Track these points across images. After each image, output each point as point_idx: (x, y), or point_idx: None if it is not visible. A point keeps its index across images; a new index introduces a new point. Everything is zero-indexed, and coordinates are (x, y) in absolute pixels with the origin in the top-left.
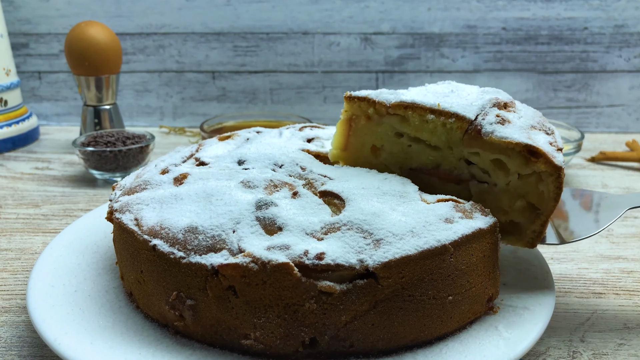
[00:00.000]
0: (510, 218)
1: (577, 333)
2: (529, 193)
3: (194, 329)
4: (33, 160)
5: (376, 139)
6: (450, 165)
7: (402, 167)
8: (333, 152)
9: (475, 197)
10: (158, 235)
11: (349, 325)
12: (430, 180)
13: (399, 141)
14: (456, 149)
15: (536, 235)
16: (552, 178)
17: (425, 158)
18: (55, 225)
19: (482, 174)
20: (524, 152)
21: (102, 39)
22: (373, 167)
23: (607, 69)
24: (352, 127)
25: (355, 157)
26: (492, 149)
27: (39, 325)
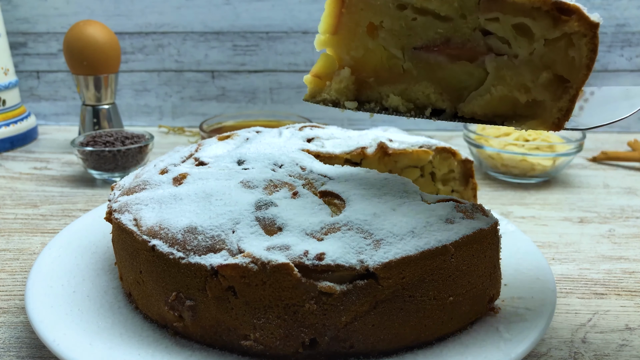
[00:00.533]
0: (532, 96)
1: (578, 334)
2: (557, 62)
3: (193, 329)
4: (31, 160)
5: (374, 14)
6: (463, 38)
7: (405, 46)
8: (319, 38)
9: (492, 74)
10: (157, 236)
11: (349, 326)
12: (437, 60)
13: (401, 15)
14: (471, 17)
15: (563, 114)
16: (587, 39)
17: (433, 32)
18: (54, 225)
19: (501, 45)
20: (553, 11)
21: (101, 38)
22: (369, 51)
23: (608, 69)
24: (345, 4)
25: (347, 40)
26: (514, 11)
27: (38, 326)
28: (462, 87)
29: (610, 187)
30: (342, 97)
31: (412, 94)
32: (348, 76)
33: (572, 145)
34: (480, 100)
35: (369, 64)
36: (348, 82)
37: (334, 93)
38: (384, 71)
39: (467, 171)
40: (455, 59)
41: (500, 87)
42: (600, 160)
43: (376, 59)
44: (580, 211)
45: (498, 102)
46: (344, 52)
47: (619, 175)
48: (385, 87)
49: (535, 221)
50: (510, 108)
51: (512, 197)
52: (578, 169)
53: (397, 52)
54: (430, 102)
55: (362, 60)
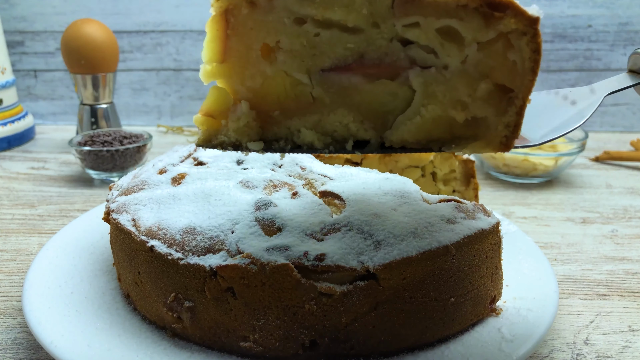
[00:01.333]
0: (472, 113)
1: (580, 335)
2: (496, 69)
3: (192, 331)
4: (29, 160)
5: (268, 33)
6: (379, 52)
7: (311, 69)
8: (205, 69)
9: (419, 92)
10: (156, 236)
11: (350, 327)
12: (351, 82)
13: (301, 31)
14: (385, 25)
15: (511, 131)
16: (527, 37)
17: (342, 48)
18: (52, 226)
19: (426, 55)
20: (483, 7)
21: (99, 36)
22: (268, 79)
23: (611, 67)
24: (231, 24)
25: (239, 68)
26: (436, 13)
27: (35, 328)
28: (387, 111)
29: (613, 187)
30: (243, 138)
31: (327, 125)
32: (247, 112)
33: (574, 144)
34: (410, 125)
35: (271, 94)
36: (248, 118)
37: (233, 134)
38: (290, 102)
39: (469, 171)
40: (374, 79)
41: (432, 107)
42: (603, 160)
43: (278, 87)
44: (582, 211)
45: (431, 124)
46: (238, 83)
47: (621, 175)
48: (294, 120)
49: (537, 221)
50: (447, 130)
51: (514, 197)
52: (580, 168)
53: (302, 77)
54: (351, 133)
55: (262, 90)
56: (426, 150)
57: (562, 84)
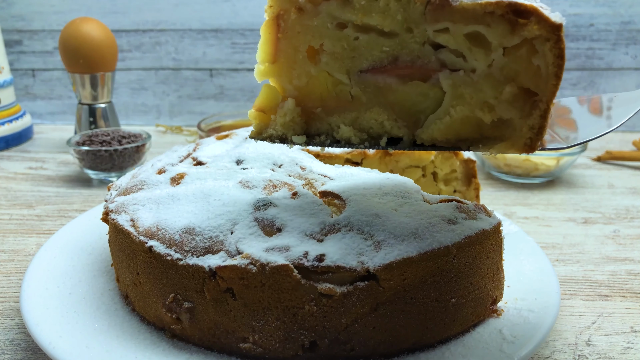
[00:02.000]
0: (498, 115)
1: (582, 336)
2: (521, 73)
3: (191, 332)
4: (27, 159)
5: (313, 37)
6: (412, 55)
7: (350, 70)
8: (259, 68)
9: (449, 93)
10: (154, 237)
11: (350, 328)
12: (386, 83)
13: (342, 35)
14: (418, 30)
15: (535, 133)
16: (550, 43)
17: (379, 51)
18: (50, 226)
19: (456, 59)
20: (508, 14)
21: (97, 35)
22: (312, 79)
23: (613, 67)
24: (281, 28)
25: (288, 69)
26: (465, 19)
27: (33, 329)
28: (418, 110)
29: (615, 187)
30: (289, 132)
31: (364, 122)
32: (293, 108)
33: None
34: (440, 124)
35: (314, 92)
36: (293, 114)
37: (280, 128)
38: (331, 100)
39: (470, 171)
40: (407, 80)
41: (460, 108)
42: (605, 160)
43: (321, 86)
44: (584, 212)
45: (460, 124)
46: (286, 82)
47: (624, 175)
48: (334, 117)
49: (539, 222)
50: (475, 130)
51: (516, 197)
52: (582, 168)
53: (342, 77)
54: (385, 130)
55: (307, 89)
56: (455, 148)
57: (563, 83)
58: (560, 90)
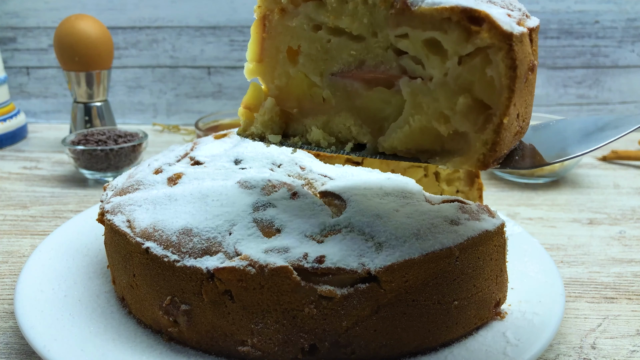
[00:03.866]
0: (454, 127)
1: (587, 339)
2: (475, 84)
3: (188, 335)
4: (21, 159)
5: (292, 38)
6: (376, 60)
7: (323, 73)
8: (247, 67)
9: (408, 101)
10: (151, 238)
11: (350, 331)
12: (353, 87)
13: (316, 36)
14: (382, 35)
15: (489, 149)
16: (502, 53)
17: (347, 55)
18: (44, 227)
19: (415, 66)
20: (463, 21)
21: (93, 33)
22: (291, 79)
23: (619, 64)
24: (266, 28)
25: (270, 68)
26: (423, 25)
27: (28, 332)
28: (382, 117)
29: (621, 187)
30: (267, 130)
31: (333, 126)
32: (272, 107)
33: None
34: (400, 133)
35: (293, 93)
36: (272, 113)
37: (260, 126)
38: (306, 101)
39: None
40: (372, 85)
41: (419, 117)
42: (611, 160)
43: (298, 87)
44: (589, 212)
45: (419, 135)
46: (269, 81)
47: (629, 174)
48: (308, 119)
49: (543, 223)
50: (435, 142)
51: (519, 197)
52: (587, 168)
53: (316, 78)
54: (352, 135)
55: (286, 89)
56: (415, 159)
57: (568, 81)
58: (565, 89)
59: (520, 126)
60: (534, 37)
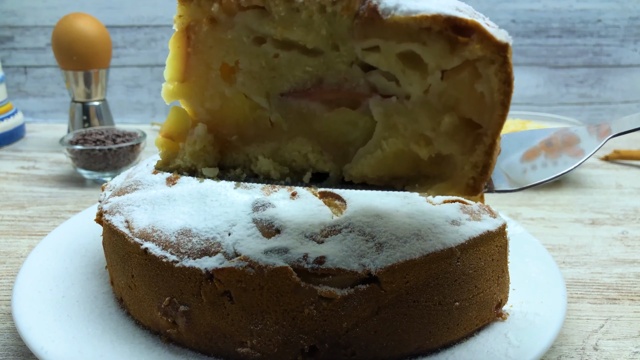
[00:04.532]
0: (436, 150)
1: (590, 341)
2: (462, 101)
3: (187, 336)
4: (18, 159)
5: (227, 52)
6: (338, 77)
7: (270, 93)
8: (166, 88)
9: (380, 123)
10: (150, 238)
11: (351, 332)
12: (309, 108)
13: (260, 51)
14: (345, 48)
15: (479, 172)
16: (495, 66)
17: (301, 72)
18: (42, 227)
19: (388, 82)
20: (447, 31)
21: (91, 31)
22: (227, 101)
23: (621, 64)
24: (192, 42)
25: (200, 89)
26: (397, 36)
27: (25, 333)
28: (347, 142)
29: (624, 188)
30: (199, 163)
31: (285, 154)
32: (204, 135)
33: None
34: (370, 159)
35: (230, 117)
36: (204, 142)
37: (189, 158)
38: (248, 126)
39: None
40: (334, 106)
41: (393, 140)
42: (613, 160)
43: (237, 110)
44: (591, 212)
45: (393, 160)
46: (198, 104)
47: (632, 174)
48: (252, 147)
49: (545, 223)
50: (411, 167)
51: (521, 197)
52: (590, 168)
53: (261, 100)
54: (310, 164)
55: (221, 113)
56: (389, 188)
57: (570, 81)
58: (567, 88)
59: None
60: None
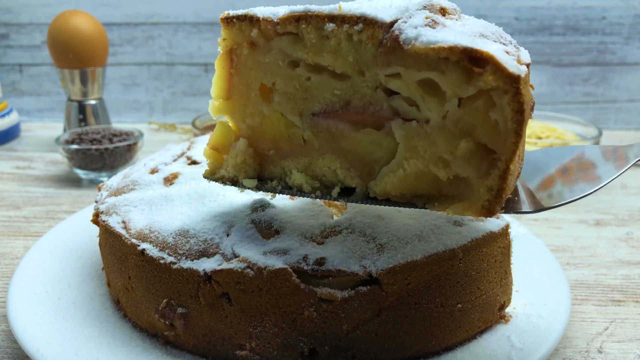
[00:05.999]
0: (454, 172)
1: (594, 343)
2: (477, 127)
3: (185, 339)
4: (13, 159)
5: (265, 74)
6: (363, 100)
7: (303, 112)
8: (213, 104)
9: (402, 144)
10: (147, 239)
11: (351, 335)
12: (338, 128)
13: (294, 74)
14: (369, 74)
15: (494, 195)
16: (508, 96)
17: (330, 94)
18: (38, 228)
19: (409, 107)
20: (463, 61)
21: (88, 29)
22: (265, 119)
23: (626, 62)
24: (234, 63)
25: (241, 106)
26: (417, 64)
27: (20, 335)
28: (372, 160)
29: (629, 188)
30: (240, 174)
31: (317, 169)
32: (244, 149)
33: (587, 143)
34: (393, 177)
35: (268, 133)
36: (245, 155)
37: (231, 169)
38: (284, 142)
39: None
40: (360, 127)
41: (414, 161)
42: None
43: (274, 127)
44: (596, 213)
45: (415, 179)
46: (240, 120)
47: (637, 175)
48: (287, 161)
49: (549, 224)
50: (432, 187)
51: None
52: None
53: (295, 118)
54: (339, 179)
55: (260, 129)
56: (411, 205)
57: (574, 79)
58: (571, 87)
59: (521, 166)
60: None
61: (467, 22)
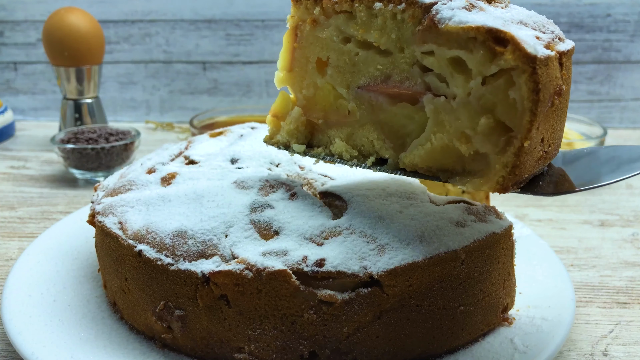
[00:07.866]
0: (474, 147)
1: (599, 346)
2: (497, 105)
3: (183, 341)
4: (8, 158)
5: (322, 49)
6: (401, 75)
7: (350, 85)
8: (277, 75)
9: (431, 118)
10: (144, 240)
11: (352, 338)
12: (377, 101)
13: (345, 49)
14: (408, 50)
15: (509, 172)
16: (525, 76)
17: (374, 69)
18: (33, 229)
19: (439, 83)
20: (488, 41)
21: (83, 26)
22: (319, 90)
23: (631, 60)
24: (298, 38)
25: (300, 78)
26: (448, 43)
27: (15, 338)
28: (405, 133)
29: (634, 188)
30: (292, 139)
31: (357, 139)
32: (298, 117)
33: (592, 142)
34: (421, 150)
35: (319, 104)
36: (297, 123)
37: (285, 135)
38: (332, 113)
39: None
40: (397, 100)
41: (440, 135)
42: None
43: (325, 98)
44: (601, 214)
45: (440, 153)
46: (298, 91)
47: None
48: (333, 130)
49: (553, 224)
50: (456, 162)
51: (528, 198)
52: None
53: (342, 90)
54: (375, 149)
55: (313, 99)
56: (435, 178)
57: (578, 77)
58: (575, 85)
59: (545, 151)
60: (564, 60)
61: (512, 11)
